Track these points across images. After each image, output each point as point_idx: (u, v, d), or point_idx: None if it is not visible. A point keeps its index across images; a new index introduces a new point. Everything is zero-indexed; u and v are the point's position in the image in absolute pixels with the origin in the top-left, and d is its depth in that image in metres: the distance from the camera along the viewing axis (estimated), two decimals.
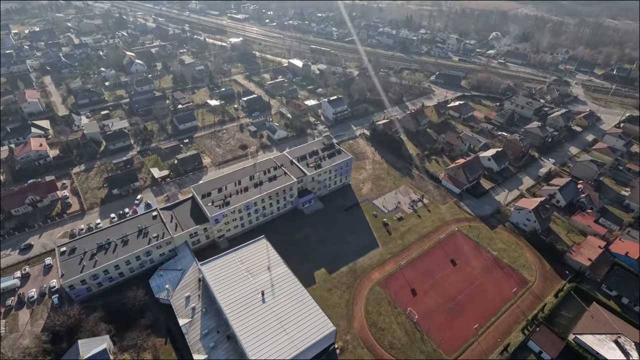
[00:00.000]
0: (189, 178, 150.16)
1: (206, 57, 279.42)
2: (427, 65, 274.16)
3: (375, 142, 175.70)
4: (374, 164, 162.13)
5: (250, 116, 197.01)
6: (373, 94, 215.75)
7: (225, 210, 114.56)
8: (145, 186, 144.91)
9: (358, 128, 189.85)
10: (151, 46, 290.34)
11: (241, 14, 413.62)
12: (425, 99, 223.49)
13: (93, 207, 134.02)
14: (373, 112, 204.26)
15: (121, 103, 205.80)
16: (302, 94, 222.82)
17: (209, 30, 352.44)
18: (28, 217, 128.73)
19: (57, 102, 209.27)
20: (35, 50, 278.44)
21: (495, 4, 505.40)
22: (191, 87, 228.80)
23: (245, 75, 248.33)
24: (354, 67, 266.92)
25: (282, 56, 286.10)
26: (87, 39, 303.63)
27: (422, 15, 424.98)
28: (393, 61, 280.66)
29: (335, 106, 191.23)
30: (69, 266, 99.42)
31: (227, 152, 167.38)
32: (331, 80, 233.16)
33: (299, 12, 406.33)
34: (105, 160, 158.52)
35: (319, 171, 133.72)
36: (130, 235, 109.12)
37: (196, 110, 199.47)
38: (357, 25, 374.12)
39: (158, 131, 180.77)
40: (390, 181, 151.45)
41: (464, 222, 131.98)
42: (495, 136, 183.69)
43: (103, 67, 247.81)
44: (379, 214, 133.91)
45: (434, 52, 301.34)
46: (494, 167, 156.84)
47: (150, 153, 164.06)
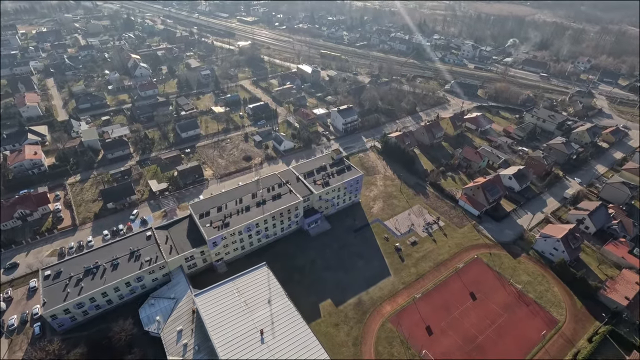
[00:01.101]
0: (189, 192, 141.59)
1: (213, 61, 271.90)
2: (441, 73, 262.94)
3: (387, 155, 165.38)
4: (386, 180, 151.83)
5: (256, 125, 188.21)
6: (385, 103, 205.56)
7: (224, 232, 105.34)
8: (143, 200, 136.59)
9: (369, 140, 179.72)
10: (157, 49, 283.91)
11: (251, 16, 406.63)
12: (440, 109, 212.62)
13: (86, 222, 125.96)
14: (385, 123, 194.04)
15: (123, 108, 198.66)
16: (311, 102, 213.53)
17: (217, 33, 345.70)
18: (16, 232, 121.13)
19: (58, 106, 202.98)
20: (41, 52, 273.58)
21: (510, 9, 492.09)
22: (196, 93, 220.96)
23: (252, 81, 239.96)
24: (365, 74, 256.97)
25: (291, 61, 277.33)
26: (93, 41, 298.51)
27: (435, 19, 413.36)
28: (406, 68, 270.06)
29: (345, 116, 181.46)
30: (53, 293, 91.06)
31: (230, 164, 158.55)
32: (341, 87, 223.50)
33: (309, 15, 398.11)
34: (103, 170, 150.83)
35: (327, 189, 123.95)
36: (121, 258, 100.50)
37: (200, 118, 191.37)
38: (368, 30, 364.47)
39: (159, 139, 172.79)
40: (403, 200, 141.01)
41: (483, 249, 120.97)
42: (516, 152, 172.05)
43: (107, 69, 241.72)
44: (390, 237, 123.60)
45: (449, 59, 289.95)
46: (515, 186, 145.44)
47: (150, 163, 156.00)
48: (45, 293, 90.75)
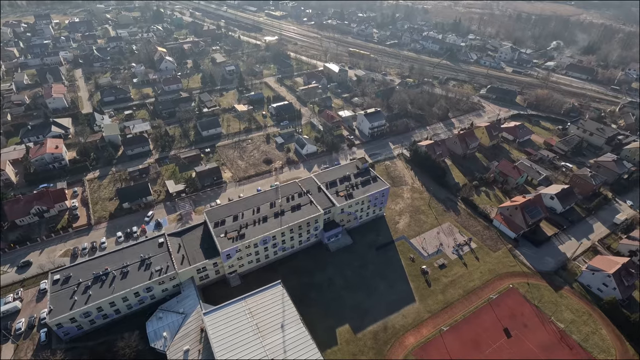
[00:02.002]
0: (206, 194, 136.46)
1: (238, 56, 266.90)
2: (476, 77, 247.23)
3: (415, 165, 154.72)
4: (413, 193, 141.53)
5: (279, 125, 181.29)
6: (415, 107, 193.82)
7: (239, 244, 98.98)
8: (159, 201, 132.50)
9: (396, 147, 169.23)
10: (184, 42, 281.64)
11: (279, 10, 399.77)
12: (474, 116, 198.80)
13: (101, 222, 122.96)
14: (414, 129, 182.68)
15: (146, 103, 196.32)
16: (336, 103, 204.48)
17: (244, 27, 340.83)
18: (33, 229, 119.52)
19: (84, 98, 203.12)
20: (72, 42, 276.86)
21: (553, 8, 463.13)
22: (219, 89, 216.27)
23: (277, 78, 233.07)
24: (395, 75, 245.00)
25: (318, 58, 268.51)
26: (123, 32, 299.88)
27: (471, 18, 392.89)
28: (439, 70, 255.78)
29: (372, 120, 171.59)
30: (60, 300, 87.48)
31: (249, 166, 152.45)
32: (369, 88, 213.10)
33: (338, 11, 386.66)
34: (121, 167, 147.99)
35: (350, 202, 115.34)
36: (131, 266, 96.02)
37: (222, 115, 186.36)
38: (400, 28, 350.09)
39: (180, 137, 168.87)
40: (432, 216, 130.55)
41: (520, 278, 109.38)
42: (558, 168, 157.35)
43: (134, 62, 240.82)
44: (416, 258, 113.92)
45: (485, 62, 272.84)
46: (558, 207, 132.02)
47: (168, 162, 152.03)
48: (52, 299, 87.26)
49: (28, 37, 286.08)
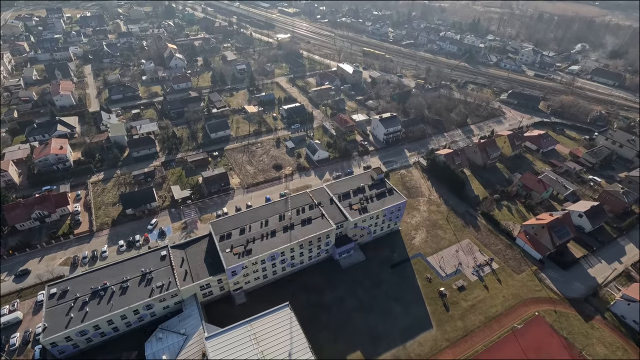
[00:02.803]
0: (213, 202, 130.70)
1: (250, 54, 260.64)
2: (496, 80, 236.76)
3: (432, 175, 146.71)
4: (430, 205, 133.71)
5: (290, 128, 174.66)
6: (432, 112, 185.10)
7: (245, 261, 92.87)
8: (163, 207, 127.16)
9: (412, 154, 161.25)
10: (195, 38, 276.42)
11: (292, 7, 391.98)
12: (495, 123, 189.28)
13: (103, 229, 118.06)
14: (431, 135, 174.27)
15: (154, 102, 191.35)
16: (350, 106, 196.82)
17: (256, 24, 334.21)
18: (33, 234, 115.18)
19: (92, 95, 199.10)
20: (82, 37, 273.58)
21: (576, 9, 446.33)
22: (230, 88, 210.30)
23: (288, 79, 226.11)
24: (411, 77, 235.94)
25: (331, 58, 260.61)
26: (134, 27, 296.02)
27: (490, 18, 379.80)
28: (457, 72, 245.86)
29: (387, 126, 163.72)
30: (55, 316, 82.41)
31: (258, 172, 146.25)
32: (384, 91, 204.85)
33: (353, 8, 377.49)
34: (126, 169, 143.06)
35: (364, 216, 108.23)
36: (132, 281, 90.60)
37: (231, 117, 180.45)
38: (416, 27, 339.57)
39: (187, 139, 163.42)
40: (450, 231, 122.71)
41: (546, 305, 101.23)
42: (585, 182, 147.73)
43: (144, 59, 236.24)
44: (434, 278, 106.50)
45: (505, 64, 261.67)
46: (587, 226, 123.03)
47: (175, 165, 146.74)
48: (47, 316, 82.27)
49: (39, 31, 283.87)
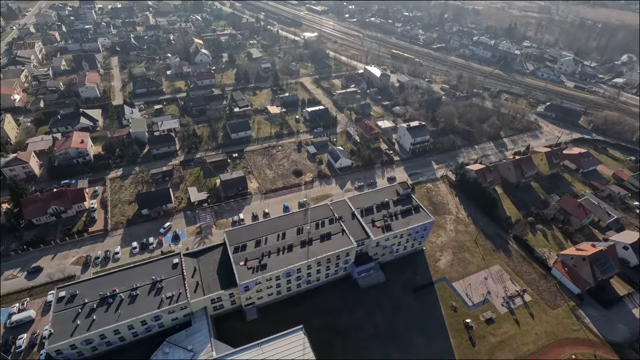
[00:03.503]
0: (229, 206, 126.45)
1: (275, 52, 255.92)
2: (533, 91, 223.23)
3: (461, 191, 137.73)
4: (458, 224, 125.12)
5: (312, 132, 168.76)
6: (463, 122, 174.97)
7: (259, 276, 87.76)
8: (179, 209, 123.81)
9: (440, 167, 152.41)
10: (221, 34, 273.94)
11: (321, 5, 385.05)
12: (530, 137, 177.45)
13: (117, 228, 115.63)
14: (461, 147, 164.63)
15: (177, 97, 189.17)
16: (376, 111, 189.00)
17: (283, 21, 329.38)
18: (49, 229, 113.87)
19: (117, 88, 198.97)
20: (112, 28, 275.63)
21: (620, 16, 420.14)
22: (253, 87, 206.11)
23: (313, 79, 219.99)
24: (441, 82, 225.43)
25: (358, 59, 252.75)
26: (162, 20, 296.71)
27: (527, 23, 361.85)
28: (490, 80, 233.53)
29: (415, 135, 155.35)
30: (62, 322, 79.67)
31: (277, 177, 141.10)
32: (413, 97, 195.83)
33: (383, 8, 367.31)
34: (145, 167, 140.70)
35: (387, 235, 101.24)
36: (141, 289, 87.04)
37: (253, 117, 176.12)
38: (448, 30, 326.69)
39: (208, 138, 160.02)
40: (479, 255, 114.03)
41: (585, 347, 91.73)
42: (631, 208, 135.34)
43: (170, 53, 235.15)
44: (459, 307, 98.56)
45: (542, 74, 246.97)
46: (632, 260, 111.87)
47: (193, 165, 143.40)
48: (54, 321, 79.58)
49: (71, 21, 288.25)
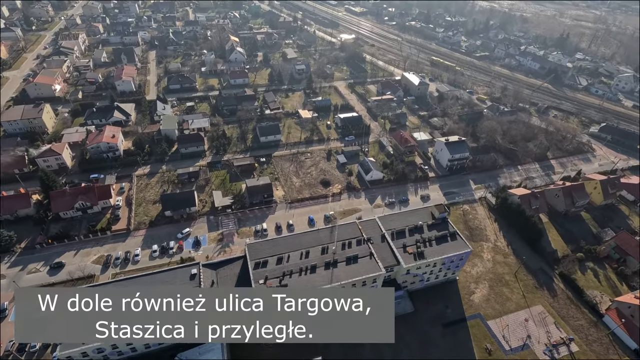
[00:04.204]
0: (253, 214, 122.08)
1: (311, 54, 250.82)
2: (586, 109, 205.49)
3: (501, 216, 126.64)
4: (496, 253, 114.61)
5: (343, 140, 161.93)
6: (506, 140, 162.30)
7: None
8: (202, 213, 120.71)
9: (479, 187, 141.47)
10: (258, 32, 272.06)
11: (360, 7, 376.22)
12: (581, 160, 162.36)
13: (140, 228, 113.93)
14: (502, 167, 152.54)
15: (210, 95, 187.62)
16: (412, 122, 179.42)
17: (320, 22, 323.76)
18: (74, 224, 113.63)
19: (152, 83, 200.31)
20: (153, 22, 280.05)
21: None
22: (286, 89, 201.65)
23: (348, 84, 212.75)
24: (483, 94, 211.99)
25: (396, 65, 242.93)
26: (201, 16, 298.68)
27: (581, 34, 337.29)
28: (538, 94, 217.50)
29: (454, 151, 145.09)
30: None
31: (304, 186, 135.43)
32: (452, 108, 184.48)
33: (424, 12, 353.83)
34: (172, 166, 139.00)
35: (419, 263, 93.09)
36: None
37: (284, 120, 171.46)
38: (492, 38, 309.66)
39: (237, 139, 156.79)
40: (519, 292, 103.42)
41: None
42: None
43: (206, 49, 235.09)
44: (494, 350, 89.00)
45: (597, 90, 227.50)
46: None
47: (220, 167, 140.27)
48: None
49: (115, 14, 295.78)
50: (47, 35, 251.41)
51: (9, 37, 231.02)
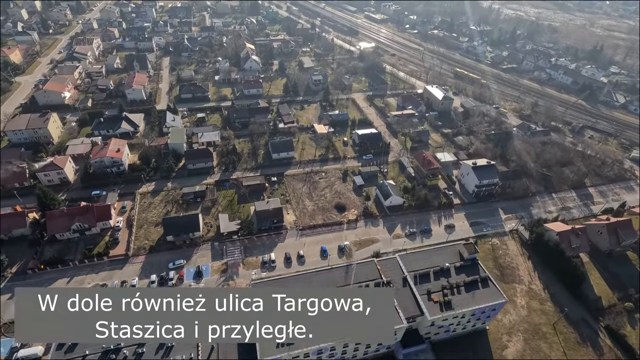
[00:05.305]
0: (261, 241, 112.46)
1: (328, 63, 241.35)
2: (626, 130, 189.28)
3: (536, 254, 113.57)
4: (531, 298, 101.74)
5: (361, 158, 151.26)
6: (539, 164, 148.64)
7: (284, 354, 71.96)
8: (207, 238, 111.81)
9: (509, 218, 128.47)
10: (274, 39, 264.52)
11: (380, 14, 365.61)
12: (622, 188, 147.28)
13: (139, 254, 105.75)
14: (535, 194, 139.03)
15: (222, 106, 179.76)
16: (435, 140, 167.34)
17: (339, 29, 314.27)
18: (70, 247, 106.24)
19: (163, 91, 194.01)
20: (169, 27, 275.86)
21: None
22: (301, 101, 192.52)
23: (366, 96, 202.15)
24: (511, 111, 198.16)
25: (417, 76, 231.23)
26: (217, 22, 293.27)
27: (615, 46, 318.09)
28: (571, 112, 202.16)
29: (482, 176, 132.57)
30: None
31: (317, 210, 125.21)
32: (479, 126, 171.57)
33: (447, 20, 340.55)
34: (178, 183, 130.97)
35: (446, 315, 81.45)
36: (149, 346, 74.61)
37: (297, 135, 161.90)
38: (520, 49, 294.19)
39: (247, 155, 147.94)
40: (558, 347, 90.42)
41: None
42: None
43: (220, 56, 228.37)
44: None
45: (636, 108, 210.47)
46: None
47: (228, 187, 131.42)
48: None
49: (132, 18, 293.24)
50: (63, 39, 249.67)
51: (25, 40, 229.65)
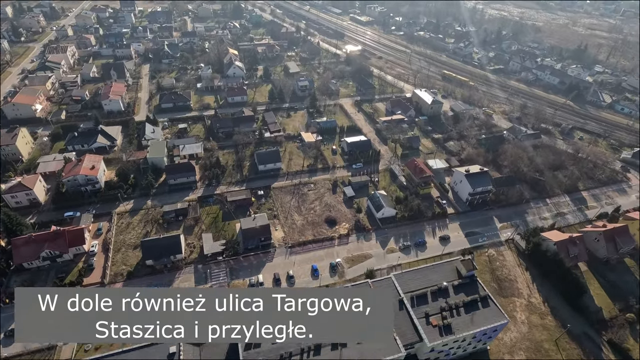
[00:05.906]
0: (248, 262, 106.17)
1: (314, 67, 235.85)
2: (614, 130, 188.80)
3: (533, 264, 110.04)
4: (531, 313, 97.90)
5: (351, 167, 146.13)
6: (531, 168, 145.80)
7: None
8: (190, 261, 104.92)
9: (505, 226, 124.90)
10: (258, 44, 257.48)
11: (365, 16, 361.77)
12: (615, 191, 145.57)
13: (116, 281, 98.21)
14: (529, 201, 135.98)
15: (204, 116, 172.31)
16: (425, 146, 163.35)
17: (324, 32, 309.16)
18: (40, 275, 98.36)
19: (143, 100, 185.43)
20: (149, 33, 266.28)
21: None
22: (288, 108, 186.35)
23: (354, 101, 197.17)
24: (501, 113, 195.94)
25: (405, 80, 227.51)
26: (199, 26, 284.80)
27: (598, 44, 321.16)
28: (560, 112, 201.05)
29: (475, 184, 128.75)
30: None
31: (307, 225, 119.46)
32: (470, 130, 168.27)
33: (433, 22, 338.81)
34: (159, 201, 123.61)
35: (447, 340, 76.59)
36: None
37: (284, 144, 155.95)
38: (506, 49, 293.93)
39: (232, 168, 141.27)
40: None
41: None
42: None
43: (203, 63, 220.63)
44: None
45: (623, 108, 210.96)
46: None
47: (212, 203, 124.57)
48: None
49: (110, 24, 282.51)
50: (36, 48, 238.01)
51: None
